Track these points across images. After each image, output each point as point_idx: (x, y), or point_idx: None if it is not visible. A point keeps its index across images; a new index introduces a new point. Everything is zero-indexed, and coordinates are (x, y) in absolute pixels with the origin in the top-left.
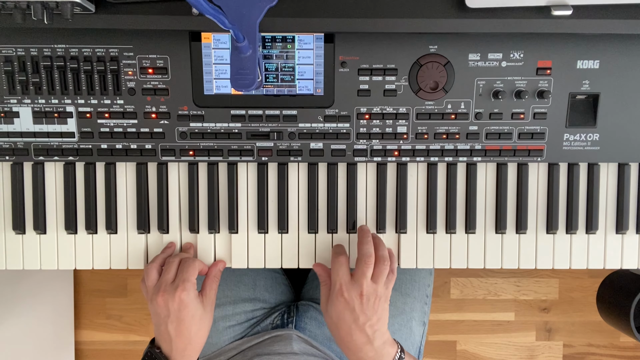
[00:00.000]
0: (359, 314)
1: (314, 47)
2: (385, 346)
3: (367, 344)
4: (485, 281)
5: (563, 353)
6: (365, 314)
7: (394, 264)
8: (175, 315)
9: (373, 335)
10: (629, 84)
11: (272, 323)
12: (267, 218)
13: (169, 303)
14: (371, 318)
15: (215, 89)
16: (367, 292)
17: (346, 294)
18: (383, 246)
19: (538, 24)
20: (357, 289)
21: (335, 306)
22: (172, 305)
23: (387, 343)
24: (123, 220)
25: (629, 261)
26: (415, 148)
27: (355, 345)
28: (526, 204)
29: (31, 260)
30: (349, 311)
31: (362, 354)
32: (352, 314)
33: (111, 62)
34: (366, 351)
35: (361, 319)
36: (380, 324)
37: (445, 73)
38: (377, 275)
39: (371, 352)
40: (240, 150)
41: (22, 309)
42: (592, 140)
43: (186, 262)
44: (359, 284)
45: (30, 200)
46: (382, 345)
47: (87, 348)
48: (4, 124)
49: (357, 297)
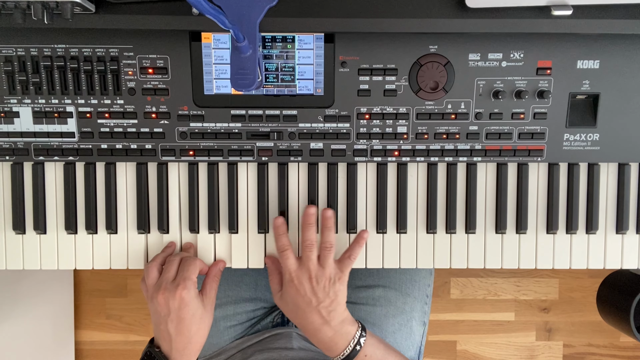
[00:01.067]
0: (311, 297)
1: (314, 47)
2: (344, 325)
3: (324, 324)
4: (485, 281)
5: (563, 353)
6: (317, 296)
7: (352, 251)
8: (176, 314)
9: (328, 315)
10: (629, 84)
11: (273, 321)
12: (268, 218)
13: (169, 301)
14: (324, 300)
15: (216, 89)
16: (315, 275)
17: (296, 281)
18: (328, 232)
19: (538, 24)
20: (305, 274)
21: (289, 293)
22: (172, 303)
23: (345, 322)
24: (123, 220)
25: (629, 261)
26: (415, 148)
27: (313, 327)
28: (526, 204)
29: (31, 260)
30: (301, 296)
31: (321, 335)
32: (304, 298)
33: (111, 62)
34: (325, 331)
35: (313, 301)
36: (335, 304)
37: (445, 73)
38: (322, 259)
39: (329, 332)
40: (240, 150)
41: (22, 309)
42: (592, 140)
43: (187, 261)
44: (305, 268)
45: (30, 200)
46: (340, 324)
47: (87, 348)
48: (4, 124)
49: (307, 281)
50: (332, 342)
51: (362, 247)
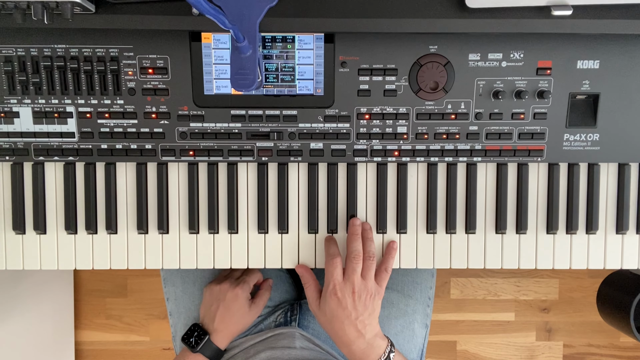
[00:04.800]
0: (351, 311)
1: (314, 47)
2: (377, 339)
3: (359, 337)
4: (485, 281)
5: (563, 353)
6: (357, 310)
7: (387, 263)
8: (228, 303)
9: (364, 329)
10: (629, 84)
11: (275, 321)
12: (267, 218)
13: (228, 292)
14: (362, 314)
15: (215, 89)
16: (358, 290)
17: (339, 293)
18: (371, 243)
19: (538, 24)
20: (349, 287)
21: (329, 304)
22: (230, 294)
23: (377, 336)
24: (123, 221)
25: (629, 261)
26: (415, 148)
27: (348, 339)
28: (526, 204)
29: (31, 260)
30: (342, 309)
31: (355, 347)
32: (344, 311)
33: (111, 62)
34: (358, 344)
35: (353, 315)
36: (372, 319)
37: (445, 73)
38: (365, 271)
39: (363, 344)
40: (240, 150)
41: (22, 309)
42: (592, 140)
43: (252, 271)
44: (350, 281)
45: (30, 201)
46: (373, 338)
47: (87, 348)
48: (4, 124)
49: (350, 295)
50: (364, 355)
51: (395, 257)
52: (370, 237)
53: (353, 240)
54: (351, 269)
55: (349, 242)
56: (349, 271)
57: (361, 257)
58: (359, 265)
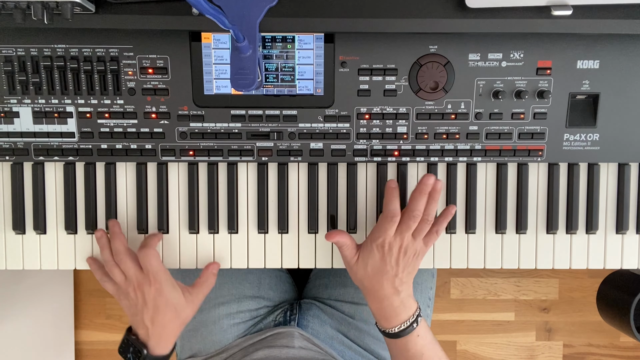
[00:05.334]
0: (394, 266)
1: (314, 47)
2: (410, 299)
3: (395, 294)
4: (485, 281)
5: (563, 353)
6: (399, 266)
7: (440, 225)
8: (152, 304)
9: (401, 287)
10: (629, 84)
11: (275, 320)
12: (267, 218)
13: (145, 293)
14: (403, 271)
15: (215, 89)
16: (405, 247)
17: (387, 247)
18: (434, 204)
19: (538, 24)
20: (398, 243)
21: (374, 256)
22: (148, 294)
23: (410, 297)
24: (123, 220)
25: (629, 261)
26: (415, 148)
27: (383, 293)
28: (526, 204)
29: (31, 260)
30: (384, 263)
31: (387, 302)
32: (386, 266)
33: (111, 62)
34: (392, 301)
35: (393, 271)
36: (409, 277)
37: (445, 73)
38: (417, 231)
39: (396, 301)
40: (240, 150)
41: (22, 309)
42: (592, 140)
43: (146, 255)
44: (400, 238)
45: (30, 200)
46: (407, 297)
47: (87, 348)
48: (4, 124)
49: (397, 250)
50: (395, 313)
51: (448, 221)
52: (436, 199)
53: (419, 198)
54: (406, 226)
55: (412, 198)
56: (403, 227)
57: (419, 219)
58: (415, 225)
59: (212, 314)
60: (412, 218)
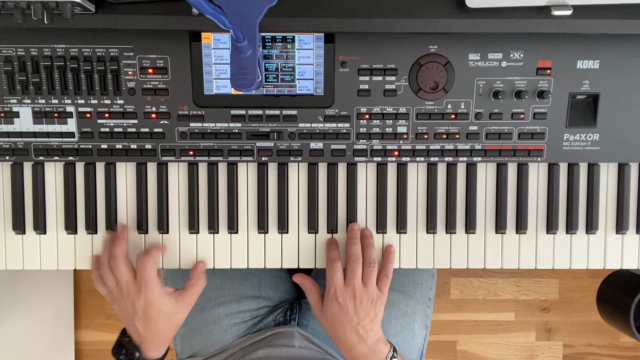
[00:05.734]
0: (353, 316)
1: (314, 47)
2: (379, 344)
3: (361, 342)
4: (485, 281)
5: (563, 353)
6: (358, 315)
7: (387, 268)
8: (142, 313)
9: (366, 334)
10: (629, 84)
11: (275, 320)
12: (267, 218)
13: (135, 302)
14: (364, 319)
15: (215, 89)
16: (359, 295)
17: (340, 298)
18: (371, 249)
19: (538, 24)
20: (350, 292)
21: (331, 309)
22: (138, 304)
23: (380, 341)
24: (123, 220)
25: (629, 261)
26: (415, 148)
27: (350, 343)
28: (526, 204)
29: (31, 260)
30: (343, 314)
31: (357, 352)
32: (346, 316)
33: (111, 62)
34: (360, 349)
35: (354, 320)
36: (373, 324)
37: (445, 73)
38: (366, 277)
39: (365, 349)
40: (240, 150)
41: (22, 309)
42: (592, 140)
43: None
44: (351, 286)
45: (30, 200)
46: (375, 343)
47: (87, 348)
48: (4, 124)
49: (351, 300)
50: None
51: (394, 262)
52: (371, 243)
53: (352, 244)
54: (351, 273)
55: (348, 246)
56: (350, 275)
57: (360, 261)
58: (359, 269)
59: (213, 314)
60: (352, 262)
